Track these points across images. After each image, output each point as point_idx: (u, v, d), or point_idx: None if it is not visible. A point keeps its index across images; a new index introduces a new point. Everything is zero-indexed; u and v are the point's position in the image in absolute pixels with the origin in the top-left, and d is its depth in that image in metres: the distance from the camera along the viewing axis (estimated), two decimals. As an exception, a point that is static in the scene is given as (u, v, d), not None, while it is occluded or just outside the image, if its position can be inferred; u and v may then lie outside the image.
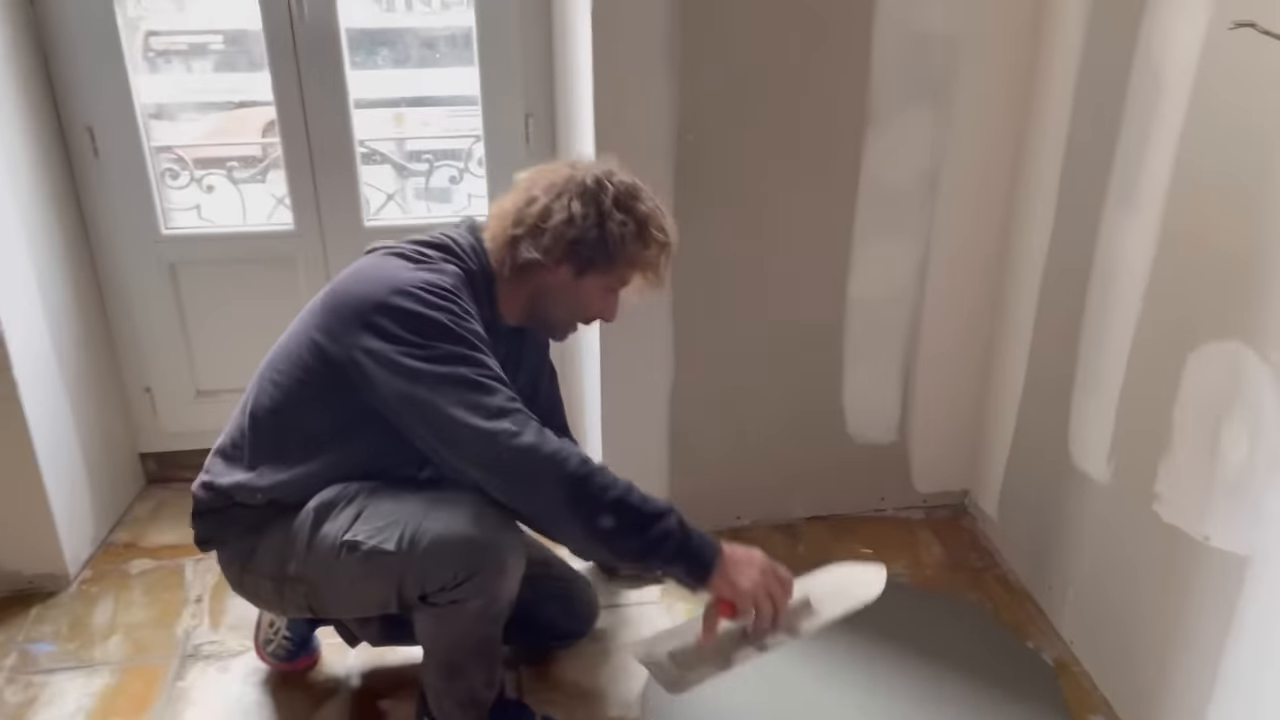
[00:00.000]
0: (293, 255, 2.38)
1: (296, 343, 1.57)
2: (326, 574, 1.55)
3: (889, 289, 2.21)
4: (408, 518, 1.50)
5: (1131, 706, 1.82)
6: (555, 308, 1.66)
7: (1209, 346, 1.54)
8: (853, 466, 2.38)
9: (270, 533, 1.58)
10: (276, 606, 1.66)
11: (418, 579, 1.50)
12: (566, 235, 1.55)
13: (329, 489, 1.57)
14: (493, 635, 1.64)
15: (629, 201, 1.59)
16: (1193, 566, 1.60)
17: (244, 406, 1.64)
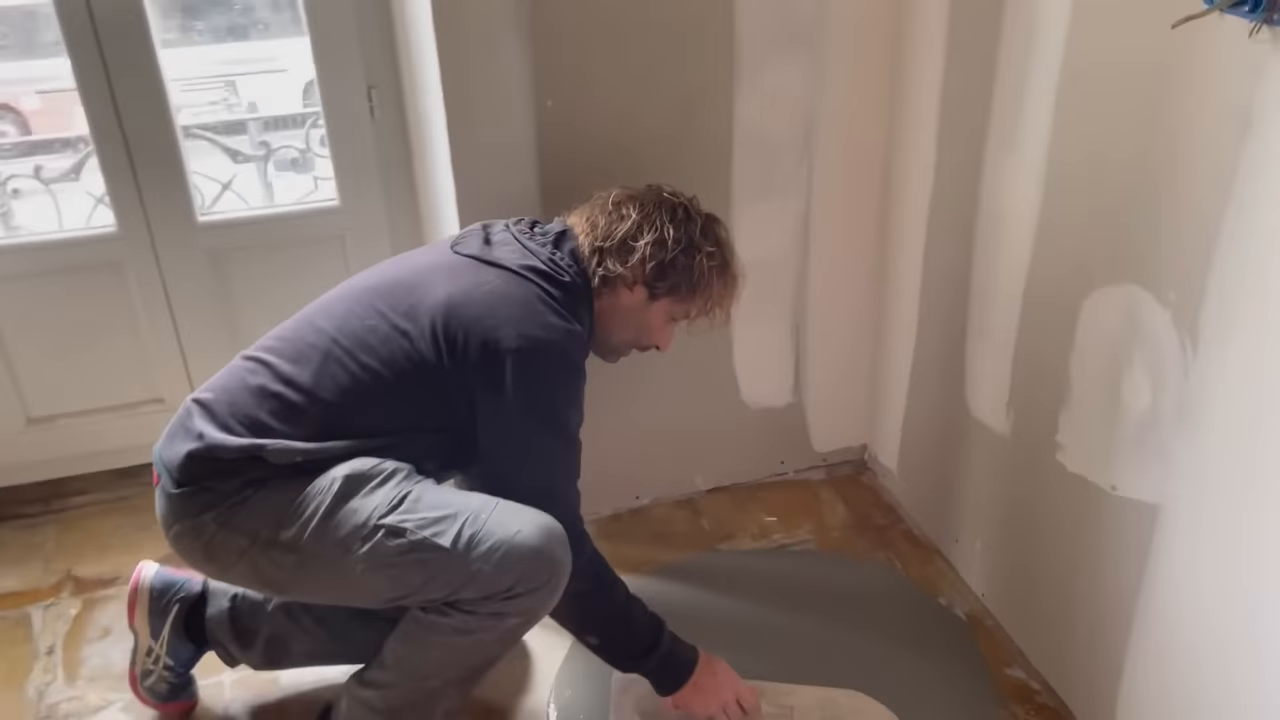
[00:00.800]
0: (119, 260, 2.14)
1: (383, 338, 1.47)
2: (331, 551, 1.40)
3: (772, 249, 2.11)
4: (465, 513, 1.40)
5: (1048, 658, 1.79)
6: (620, 329, 1.64)
7: (1104, 291, 1.49)
8: (750, 433, 2.29)
9: (272, 490, 1.43)
10: (225, 570, 1.47)
11: (465, 582, 1.39)
12: (656, 257, 1.55)
13: (359, 459, 1.44)
14: (498, 658, 1.55)
15: (717, 232, 1.62)
16: (1101, 516, 1.56)
17: (284, 378, 1.47)
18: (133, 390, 2.27)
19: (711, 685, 1.64)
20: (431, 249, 1.63)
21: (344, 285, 1.60)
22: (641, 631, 1.59)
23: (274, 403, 1.46)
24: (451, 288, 1.48)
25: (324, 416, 1.46)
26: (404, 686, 1.52)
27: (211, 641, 1.73)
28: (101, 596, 2.06)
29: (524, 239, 1.58)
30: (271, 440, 1.43)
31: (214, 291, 2.20)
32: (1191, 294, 1.31)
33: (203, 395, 1.50)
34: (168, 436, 1.50)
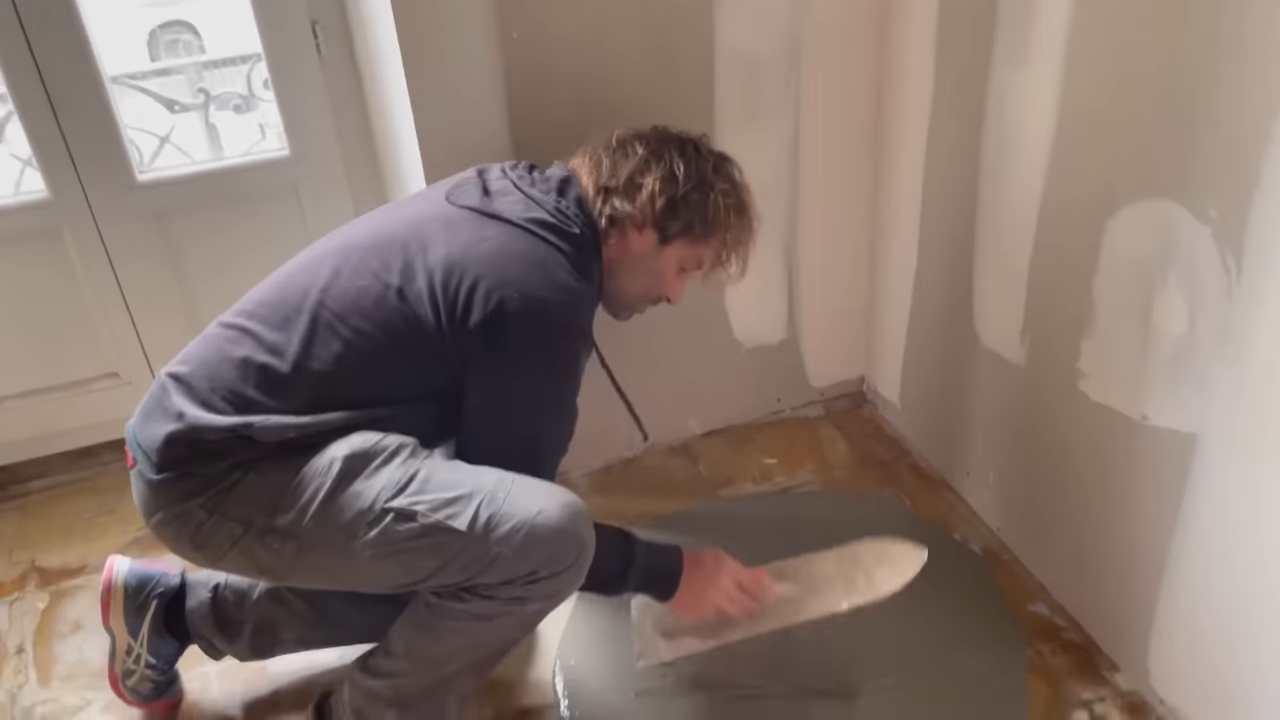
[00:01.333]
0: (55, 228, 1.97)
1: (376, 300, 1.34)
2: (334, 537, 1.28)
3: (760, 177, 1.94)
4: (480, 493, 1.28)
5: (1073, 593, 1.72)
6: (631, 279, 1.51)
7: (1132, 209, 1.37)
8: (745, 373, 2.19)
9: (264, 472, 1.31)
10: (217, 560, 1.35)
11: (484, 567, 1.28)
12: (667, 192, 1.43)
13: (358, 434, 1.32)
14: (517, 642, 1.45)
15: (731, 171, 1.51)
16: (1131, 447, 1.47)
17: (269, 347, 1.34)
18: (85, 366, 2.12)
19: (704, 578, 1.53)
20: (424, 199, 1.49)
21: (326, 241, 1.45)
22: (610, 558, 1.45)
23: (260, 375, 1.33)
24: (450, 244, 1.35)
25: (316, 387, 1.33)
26: (416, 675, 1.42)
27: (194, 635, 1.62)
28: (69, 587, 1.94)
29: (525, 186, 1.44)
30: (260, 417, 1.31)
31: (161, 255, 2.04)
32: (1236, 209, 1.20)
33: (179, 369, 1.36)
34: (143, 415, 1.36)
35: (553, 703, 1.65)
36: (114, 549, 1.90)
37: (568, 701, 1.65)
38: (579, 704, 1.64)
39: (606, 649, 1.73)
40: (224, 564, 1.36)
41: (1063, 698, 1.60)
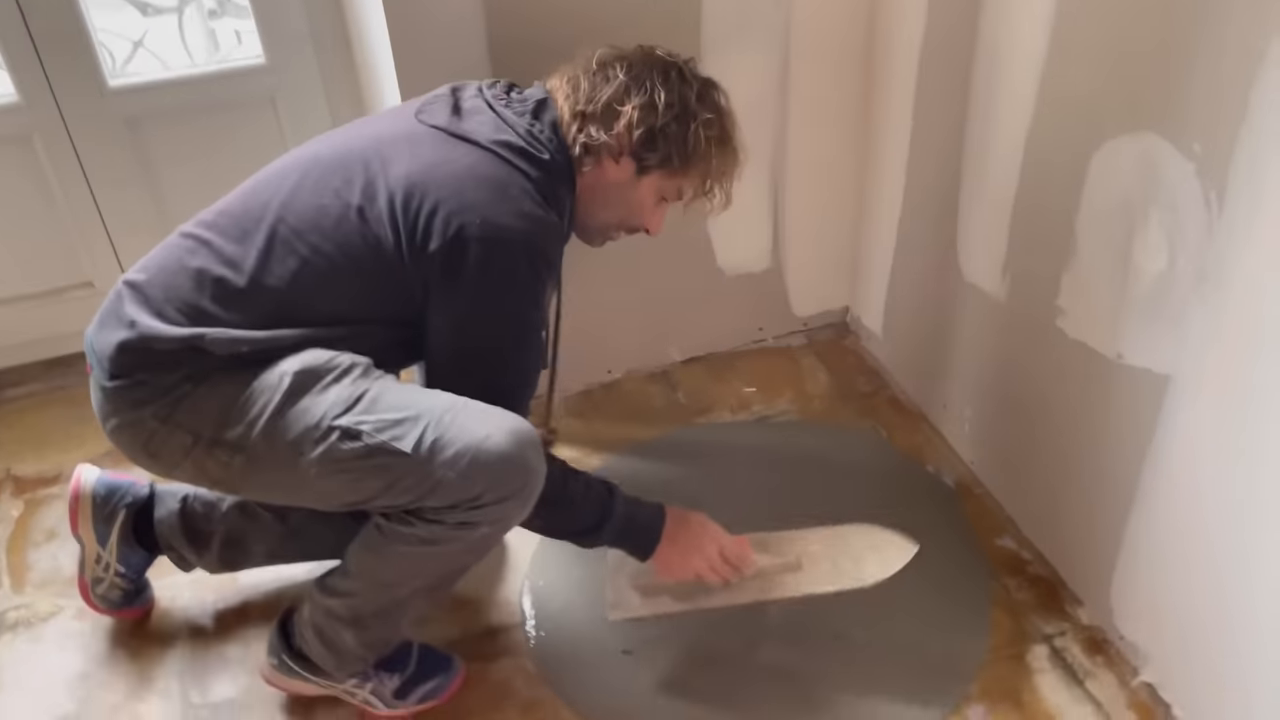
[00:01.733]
0: (26, 133, 1.92)
1: (336, 219, 1.31)
2: (282, 452, 1.27)
3: (747, 100, 1.89)
4: (428, 416, 1.26)
5: (1041, 528, 1.73)
6: (604, 208, 1.47)
7: (1118, 142, 1.34)
8: (726, 300, 2.16)
9: (215, 384, 1.29)
10: (170, 469, 1.35)
11: (428, 490, 1.26)
12: (645, 123, 1.37)
13: (310, 351, 1.30)
14: (468, 567, 1.44)
15: (716, 99, 1.45)
16: (1105, 385, 1.46)
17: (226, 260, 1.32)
18: (58, 275, 2.10)
19: (688, 541, 1.54)
20: (393, 115, 1.44)
21: (295, 153, 1.42)
22: (585, 509, 1.48)
23: (215, 288, 1.31)
24: (412, 164, 1.32)
25: (271, 303, 1.31)
26: (369, 595, 1.42)
27: (163, 546, 1.63)
28: (44, 496, 1.95)
29: (499, 107, 1.40)
30: (213, 329, 1.29)
31: (135, 163, 2.00)
32: (1220, 144, 1.17)
33: (136, 276, 1.34)
34: (99, 322, 1.35)
35: (520, 622, 1.67)
36: (90, 459, 1.88)
37: (534, 621, 1.66)
38: (546, 623, 1.65)
39: (576, 570, 1.74)
40: (178, 474, 1.36)
41: (1024, 631, 1.61)
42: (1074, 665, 1.56)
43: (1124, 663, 1.55)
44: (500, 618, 1.68)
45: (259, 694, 1.57)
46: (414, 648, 1.55)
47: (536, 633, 1.64)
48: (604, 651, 1.60)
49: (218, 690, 1.58)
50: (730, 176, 1.50)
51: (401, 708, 1.52)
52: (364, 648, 1.46)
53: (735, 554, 1.58)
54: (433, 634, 1.64)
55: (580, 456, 1.97)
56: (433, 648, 1.58)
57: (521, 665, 1.60)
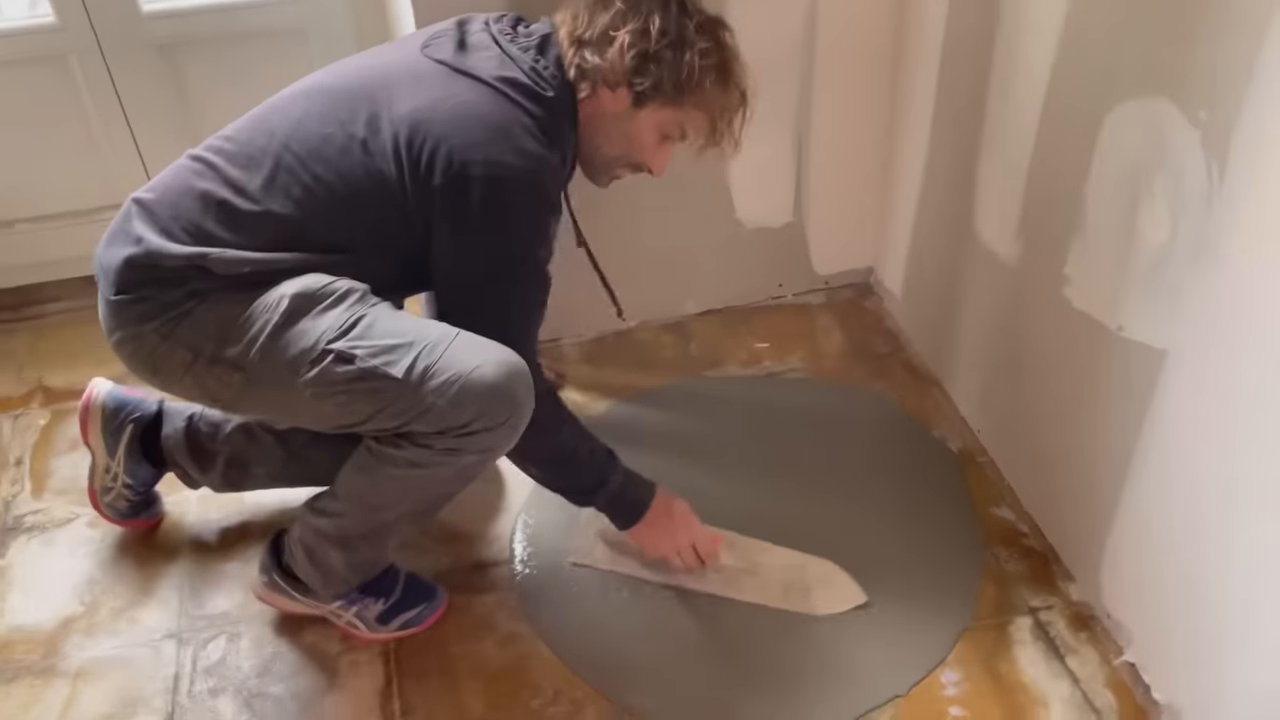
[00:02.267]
0: (62, 54, 1.97)
1: (340, 149, 1.34)
2: (278, 372, 1.31)
3: (772, 46, 1.88)
4: (420, 343, 1.29)
5: (1038, 499, 1.70)
6: (607, 140, 1.47)
7: (1130, 105, 1.29)
8: (745, 254, 2.14)
9: (216, 303, 1.33)
10: (171, 384, 1.40)
11: (417, 415, 1.29)
12: (637, 47, 1.37)
13: (309, 275, 1.33)
14: (454, 494, 1.48)
15: (716, 30, 1.43)
16: (1105, 357, 1.42)
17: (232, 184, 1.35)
18: (93, 196, 2.15)
19: (666, 526, 1.59)
20: (400, 47, 1.46)
21: (303, 82, 1.44)
22: (586, 471, 1.54)
23: (220, 210, 1.34)
24: (417, 99, 1.33)
25: (274, 228, 1.34)
26: (356, 517, 1.46)
27: (170, 463, 1.69)
28: (71, 408, 2.01)
29: (504, 42, 1.40)
30: (216, 249, 1.32)
31: (168, 89, 2.04)
32: (1225, 112, 1.12)
33: (144, 195, 1.38)
34: (108, 239, 1.39)
35: (508, 559, 1.70)
36: (115, 375, 1.95)
37: (521, 558, 1.69)
38: (532, 562, 1.68)
39: (568, 513, 1.75)
40: (178, 389, 1.40)
41: (1010, 602, 1.60)
42: (1057, 640, 1.54)
43: (1109, 641, 1.52)
44: (490, 553, 1.71)
45: (251, 609, 1.62)
46: (400, 575, 1.59)
47: (522, 570, 1.67)
48: (583, 593, 1.63)
49: (213, 603, 1.64)
50: (734, 115, 1.47)
51: (383, 631, 1.56)
52: (349, 569, 1.50)
53: (705, 550, 1.61)
54: (423, 564, 1.68)
55: (586, 401, 1.99)
56: (419, 577, 1.62)
57: (505, 600, 1.63)
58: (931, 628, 1.56)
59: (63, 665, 1.56)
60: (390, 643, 1.57)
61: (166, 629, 1.61)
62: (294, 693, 1.51)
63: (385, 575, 1.57)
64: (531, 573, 1.66)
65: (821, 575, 1.63)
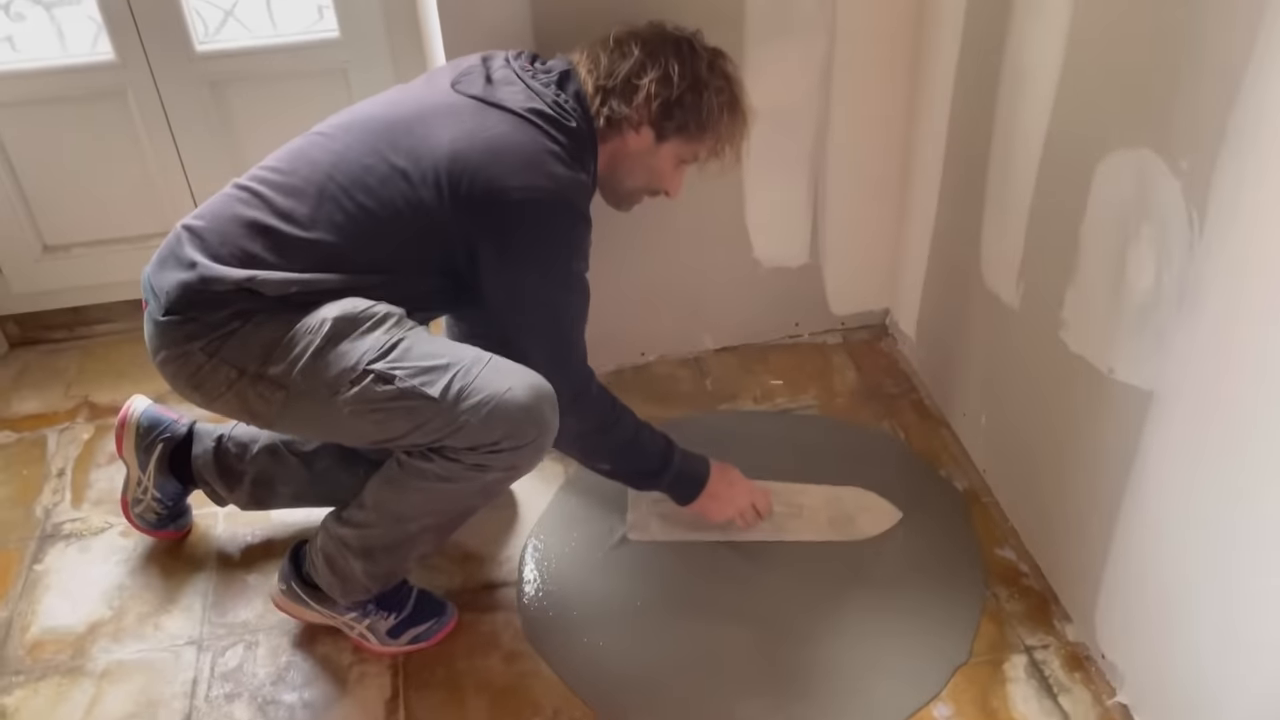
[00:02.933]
0: (121, 89, 2.09)
1: (381, 179, 1.42)
2: (319, 390, 1.40)
3: (790, 95, 1.95)
4: (456, 366, 1.39)
5: (1040, 540, 1.72)
6: (630, 174, 1.60)
7: (1119, 155, 1.33)
8: (763, 293, 2.20)
9: (260, 324, 1.41)
10: (212, 400, 1.47)
11: (450, 432, 1.38)
12: (661, 95, 1.50)
13: (349, 299, 1.42)
14: (476, 509, 1.57)
15: (724, 67, 1.56)
16: (1097, 400, 1.46)
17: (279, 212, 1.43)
18: (144, 222, 2.26)
19: (727, 494, 1.73)
20: (431, 83, 1.55)
21: (343, 115, 1.54)
22: (650, 457, 1.66)
23: (267, 236, 1.42)
24: (455, 131, 1.42)
25: (319, 252, 1.43)
26: (381, 528, 1.53)
27: (199, 481, 1.77)
28: (113, 423, 2.10)
29: (527, 77, 1.50)
30: (265, 271, 1.40)
31: (217, 123, 2.15)
32: (1204, 163, 1.16)
33: (194, 223, 1.47)
34: (158, 262, 1.47)
35: (517, 579, 1.75)
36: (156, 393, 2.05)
37: (529, 580, 1.74)
38: (539, 584, 1.73)
39: (576, 533, 1.81)
40: (218, 405, 1.48)
41: (1006, 641, 1.61)
42: (1051, 679, 1.55)
43: (1102, 682, 1.54)
44: (500, 574, 1.76)
45: (270, 619, 1.69)
46: (413, 591, 1.65)
47: (528, 592, 1.72)
48: (585, 616, 1.67)
49: (234, 612, 1.72)
50: (741, 136, 1.60)
51: (393, 645, 1.62)
52: (369, 578, 1.57)
53: (763, 506, 1.78)
54: (435, 582, 1.74)
55: (601, 431, 2.04)
56: (431, 593, 1.68)
57: (512, 620, 1.68)
58: (928, 663, 1.58)
59: (89, 666, 1.63)
60: (399, 656, 1.63)
61: (189, 635, 1.68)
62: (305, 701, 1.58)
63: (398, 590, 1.63)
64: (537, 595, 1.72)
65: (860, 503, 1.83)
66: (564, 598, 1.71)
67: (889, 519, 1.80)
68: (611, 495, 1.88)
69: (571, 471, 1.95)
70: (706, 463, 1.71)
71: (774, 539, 1.77)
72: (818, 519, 1.81)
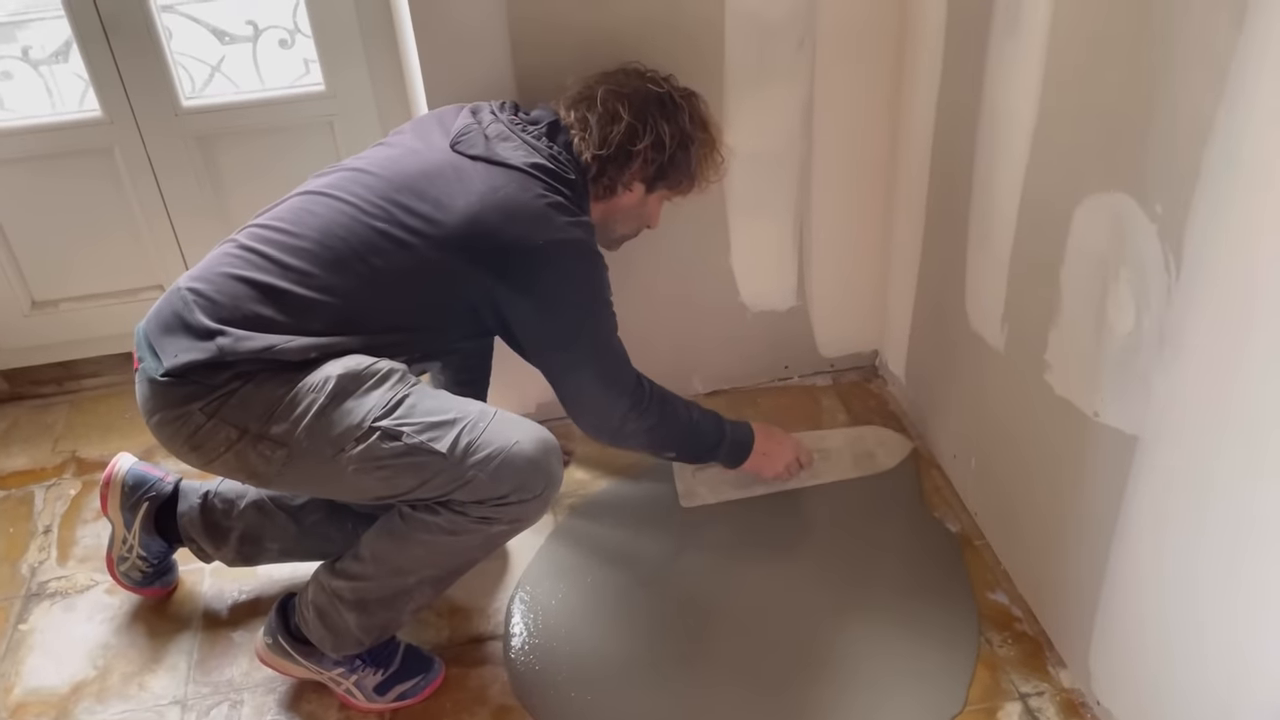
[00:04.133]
0: (108, 146, 2.10)
1: (396, 242, 1.44)
2: (322, 448, 1.39)
3: (772, 140, 1.96)
4: (463, 420, 1.41)
5: (1031, 583, 1.71)
6: (622, 224, 1.69)
7: (1096, 199, 1.34)
8: (752, 336, 2.19)
9: (262, 383, 1.40)
10: (210, 461, 1.44)
11: (458, 486, 1.40)
12: (656, 161, 1.59)
13: (352, 356, 1.43)
14: (476, 562, 1.57)
15: (702, 113, 1.64)
16: (1083, 443, 1.45)
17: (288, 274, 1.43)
18: (133, 277, 2.27)
19: (776, 450, 1.87)
20: (427, 140, 1.56)
21: (343, 173, 1.53)
22: (708, 433, 1.76)
23: (279, 302, 1.42)
24: (469, 195, 1.46)
25: (335, 316, 1.44)
26: (378, 580, 1.51)
27: (185, 539, 1.75)
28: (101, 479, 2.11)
29: (519, 131, 1.54)
30: (282, 337, 1.40)
31: (204, 178, 2.16)
32: (1178, 206, 1.16)
33: (198, 285, 1.44)
34: (161, 325, 1.43)
35: (504, 633, 1.73)
36: (144, 448, 2.05)
37: (516, 633, 1.72)
38: (525, 637, 1.71)
39: (563, 586, 1.80)
40: (216, 465, 1.46)
41: (1001, 688, 1.59)
42: (1046, 727, 1.53)
43: (1098, 729, 1.51)
44: (488, 627, 1.74)
45: (255, 677, 1.67)
46: (400, 647, 1.63)
47: (516, 645, 1.70)
48: (572, 670, 1.65)
49: (219, 671, 1.70)
50: (720, 172, 1.70)
51: (380, 702, 1.60)
52: (363, 631, 1.54)
53: (805, 458, 1.92)
54: (422, 636, 1.72)
55: (590, 479, 2.03)
56: (418, 649, 1.66)
57: (499, 674, 1.66)
58: (924, 713, 1.56)
59: (72, 728, 1.61)
60: (386, 713, 1.61)
61: (173, 695, 1.66)
62: (289, 760, 1.55)
63: (386, 646, 1.61)
64: (524, 648, 1.69)
65: (877, 439, 2.05)
66: (552, 650, 1.69)
67: (903, 450, 2.03)
68: (601, 543, 1.88)
69: (561, 520, 1.93)
70: (750, 426, 1.83)
71: (810, 484, 1.94)
72: (843, 459, 1.99)
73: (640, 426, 1.62)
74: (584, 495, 2.00)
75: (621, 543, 1.89)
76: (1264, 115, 1.02)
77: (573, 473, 2.04)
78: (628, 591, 1.78)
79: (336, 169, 1.55)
